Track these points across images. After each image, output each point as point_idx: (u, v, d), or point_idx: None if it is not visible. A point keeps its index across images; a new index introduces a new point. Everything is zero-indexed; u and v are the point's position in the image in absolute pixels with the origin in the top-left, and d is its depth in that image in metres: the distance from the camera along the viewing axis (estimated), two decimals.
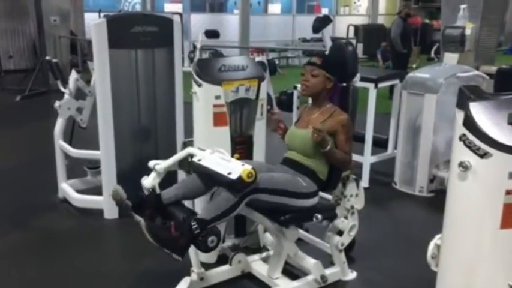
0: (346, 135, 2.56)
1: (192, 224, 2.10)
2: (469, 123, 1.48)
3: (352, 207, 2.63)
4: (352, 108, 2.79)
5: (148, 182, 2.42)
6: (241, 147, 2.88)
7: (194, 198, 2.49)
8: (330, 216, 2.56)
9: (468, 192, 1.49)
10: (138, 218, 2.22)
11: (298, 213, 2.47)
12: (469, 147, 1.47)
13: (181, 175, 3.06)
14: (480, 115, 1.48)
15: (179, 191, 2.40)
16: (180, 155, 2.49)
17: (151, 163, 2.47)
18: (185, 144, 2.52)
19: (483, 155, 1.43)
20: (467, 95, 1.56)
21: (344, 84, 2.74)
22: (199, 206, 2.72)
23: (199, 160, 2.35)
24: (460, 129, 1.49)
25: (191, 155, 2.43)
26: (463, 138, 1.48)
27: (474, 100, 1.52)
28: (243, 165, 2.17)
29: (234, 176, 2.11)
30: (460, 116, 1.52)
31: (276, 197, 2.36)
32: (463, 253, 1.54)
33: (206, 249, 2.14)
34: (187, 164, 2.47)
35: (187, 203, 2.54)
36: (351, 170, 2.68)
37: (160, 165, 2.44)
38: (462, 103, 1.54)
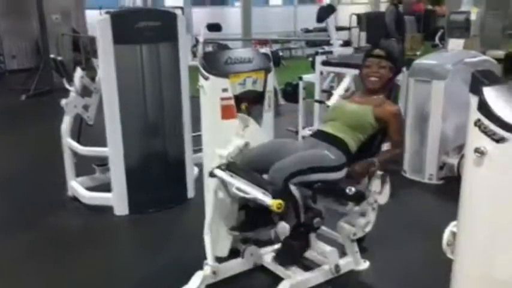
0: (397, 125, 2.64)
1: (300, 230, 2.47)
2: (484, 108, 1.46)
3: (375, 201, 2.62)
4: (395, 98, 2.84)
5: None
6: (249, 101, 2.84)
7: None
8: (359, 196, 2.55)
9: (484, 178, 1.48)
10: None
11: (331, 185, 2.50)
12: (485, 133, 1.45)
13: None
14: (495, 100, 1.46)
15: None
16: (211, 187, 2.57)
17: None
18: (211, 174, 2.56)
19: (499, 140, 1.42)
20: (480, 79, 1.53)
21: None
22: None
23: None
24: (475, 115, 1.47)
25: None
26: (478, 123, 1.46)
27: (488, 85, 1.50)
28: (263, 193, 2.27)
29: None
30: (474, 101, 1.50)
31: (309, 175, 2.43)
32: (480, 240, 1.52)
33: (317, 229, 2.54)
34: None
35: None
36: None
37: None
38: (476, 88, 1.52)
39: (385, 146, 2.81)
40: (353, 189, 2.46)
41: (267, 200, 2.22)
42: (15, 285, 2.74)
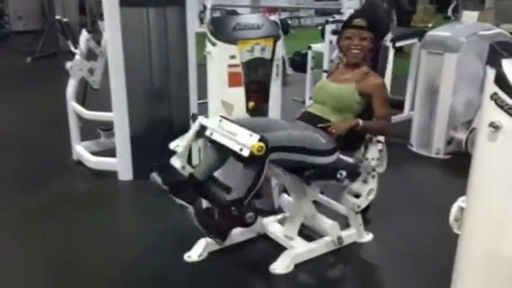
0: (382, 98, 2.53)
1: (232, 208, 2.15)
2: (501, 81, 1.40)
3: (373, 169, 2.58)
4: (382, 67, 2.72)
5: (177, 163, 2.44)
6: (257, 95, 2.81)
7: (219, 168, 2.47)
8: (352, 174, 2.52)
9: (498, 153, 1.43)
10: (180, 202, 2.29)
11: (322, 170, 2.43)
12: (501, 107, 1.40)
13: None
14: None
15: (207, 165, 2.41)
16: (193, 130, 2.45)
17: (171, 145, 2.47)
18: (194, 117, 2.48)
19: None
20: (498, 51, 1.47)
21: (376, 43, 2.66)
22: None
23: (211, 134, 2.35)
24: (492, 88, 1.42)
25: (203, 128, 2.41)
26: (494, 97, 1.41)
27: (507, 57, 1.44)
28: (251, 135, 2.13)
29: (245, 153, 2.12)
30: (491, 73, 1.44)
31: (295, 154, 2.32)
32: (490, 216, 1.49)
33: (247, 225, 2.23)
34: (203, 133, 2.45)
35: None
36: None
37: (179, 146, 2.43)
38: (493, 60, 1.46)
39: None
40: (344, 173, 2.42)
41: (251, 139, 2.10)
42: (18, 247, 2.76)
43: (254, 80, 2.81)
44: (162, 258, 2.62)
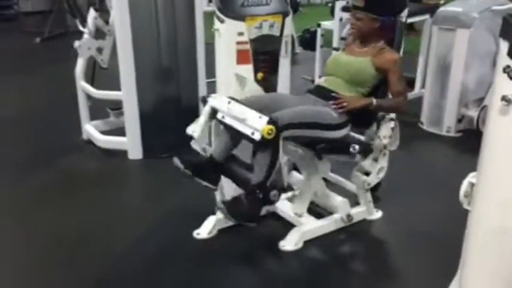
0: (398, 74, 2.50)
1: (257, 192, 2.18)
2: None
3: (385, 147, 2.56)
4: (398, 44, 2.68)
5: (197, 146, 2.44)
6: (266, 65, 2.78)
7: (235, 147, 2.47)
8: (365, 149, 2.50)
9: (510, 127, 1.41)
10: (204, 183, 2.34)
11: (335, 143, 2.43)
12: None
13: None
14: None
15: (223, 146, 2.41)
16: (205, 113, 2.44)
17: (188, 131, 2.45)
18: (204, 100, 2.47)
19: None
20: None
21: (390, 19, 2.61)
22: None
23: (222, 117, 2.35)
24: (505, 60, 1.38)
25: (214, 110, 2.40)
26: (507, 70, 1.38)
27: None
28: (260, 117, 2.13)
29: (257, 137, 2.12)
30: (504, 46, 1.41)
31: (306, 130, 2.33)
32: (501, 191, 1.48)
33: (273, 203, 2.30)
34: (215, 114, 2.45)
35: None
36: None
37: (196, 131, 2.42)
38: (507, 32, 1.42)
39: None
40: (357, 147, 2.40)
41: (260, 122, 2.10)
42: (25, 226, 2.80)
43: (263, 52, 2.78)
44: (171, 235, 2.64)
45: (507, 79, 1.39)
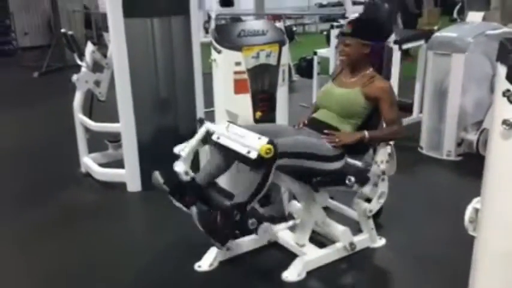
0: (389, 102, 2.50)
1: (234, 212, 2.12)
2: None
3: (383, 173, 2.54)
4: (387, 69, 2.69)
5: (180, 167, 2.40)
6: (264, 104, 2.79)
7: (222, 174, 2.46)
8: (361, 179, 2.48)
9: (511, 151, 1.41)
10: (178, 204, 2.29)
11: (330, 176, 2.40)
12: None
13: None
14: None
15: (209, 171, 2.40)
16: (199, 134, 2.44)
17: (176, 149, 2.44)
18: (201, 121, 2.47)
19: None
20: (509, 47, 1.44)
21: (378, 44, 2.63)
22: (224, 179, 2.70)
23: (218, 138, 2.33)
24: (504, 85, 1.38)
25: (210, 132, 2.38)
26: (506, 93, 1.38)
27: None
28: (259, 138, 2.10)
29: (253, 155, 2.09)
30: (502, 70, 1.41)
31: (302, 160, 2.31)
32: (507, 216, 1.45)
33: (248, 232, 2.21)
34: (208, 139, 2.44)
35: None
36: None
37: (184, 150, 2.40)
38: (504, 56, 1.43)
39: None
40: (352, 179, 2.39)
41: (260, 142, 2.07)
42: (28, 259, 2.75)
43: (261, 90, 2.80)
44: (172, 268, 2.59)
45: (507, 103, 1.39)
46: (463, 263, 1.76)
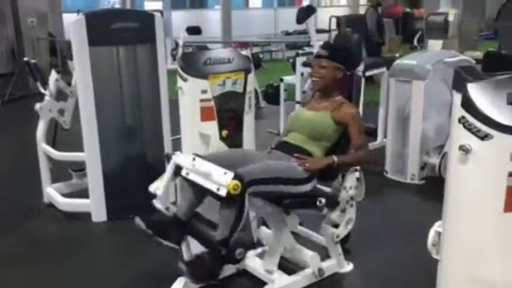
0: (357, 128, 2.55)
1: (220, 249, 2.13)
2: (468, 104, 1.43)
3: (351, 198, 2.57)
4: (356, 97, 2.75)
5: (160, 205, 2.39)
6: (230, 122, 2.81)
7: (200, 205, 2.44)
8: (332, 202, 2.50)
9: (469, 176, 1.45)
10: (167, 243, 2.28)
11: (301, 198, 2.42)
12: (469, 130, 1.43)
13: None
14: (478, 96, 1.43)
15: (188, 202, 2.38)
16: (169, 170, 2.42)
17: (151, 188, 2.42)
18: (168, 156, 2.46)
19: (484, 137, 1.39)
20: (463, 76, 1.51)
21: (348, 73, 2.70)
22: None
23: (187, 174, 2.33)
24: (459, 112, 1.44)
25: (178, 167, 2.38)
26: (462, 120, 1.44)
27: (472, 81, 1.48)
28: (225, 173, 2.11)
29: (222, 193, 2.10)
30: (457, 98, 1.47)
31: (271, 186, 2.32)
32: (466, 239, 1.49)
33: (237, 262, 2.23)
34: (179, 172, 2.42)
35: None
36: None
37: (159, 188, 2.39)
38: (459, 84, 1.49)
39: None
40: (323, 200, 2.41)
41: (226, 178, 2.07)
42: None
43: (227, 117, 2.82)
44: None
45: (463, 129, 1.44)
46: (429, 285, 1.79)
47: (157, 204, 2.40)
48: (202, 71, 2.74)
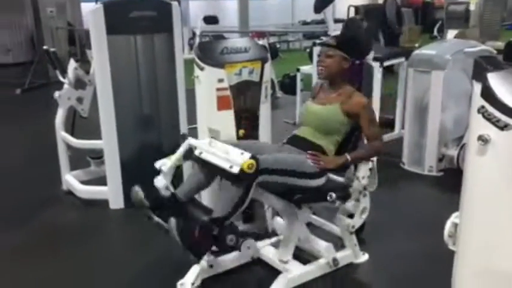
0: (369, 117, 2.52)
1: (212, 226, 2.10)
2: (488, 94, 1.41)
3: (364, 188, 2.56)
4: (367, 86, 2.72)
5: (161, 182, 2.40)
6: (247, 123, 2.81)
7: (203, 190, 2.46)
8: (343, 196, 2.49)
9: (488, 167, 1.43)
10: (156, 219, 2.27)
11: (312, 193, 2.41)
12: (489, 120, 1.40)
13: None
14: (499, 86, 1.41)
15: (190, 186, 2.39)
16: (181, 149, 2.44)
17: (157, 164, 2.44)
18: (184, 136, 2.47)
19: (503, 127, 1.37)
20: (484, 65, 1.48)
21: (358, 62, 2.66)
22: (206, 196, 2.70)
23: (200, 153, 2.33)
24: (479, 101, 1.42)
25: (192, 148, 2.39)
26: (481, 110, 1.41)
27: (492, 71, 1.45)
28: (242, 154, 2.11)
29: (235, 170, 2.09)
30: (477, 87, 1.45)
31: (284, 177, 2.31)
32: (483, 231, 1.48)
33: (226, 248, 2.17)
34: (190, 155, 2.43)
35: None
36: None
37: (165, 165, 2.39)
38: (479, 74, 1.47)
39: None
40: (333, 195, 2.38)
41: (243, 157, 2.07)
42: (9, 280, 2.70)
43: (244, 106, 2.82)
44: (154, 286, 2.57)
45: (482, 119, 1.42)
46: (444, 278, 1.77)
47: (157, 182, 2.40)
48: (219, 60, 2.74)
